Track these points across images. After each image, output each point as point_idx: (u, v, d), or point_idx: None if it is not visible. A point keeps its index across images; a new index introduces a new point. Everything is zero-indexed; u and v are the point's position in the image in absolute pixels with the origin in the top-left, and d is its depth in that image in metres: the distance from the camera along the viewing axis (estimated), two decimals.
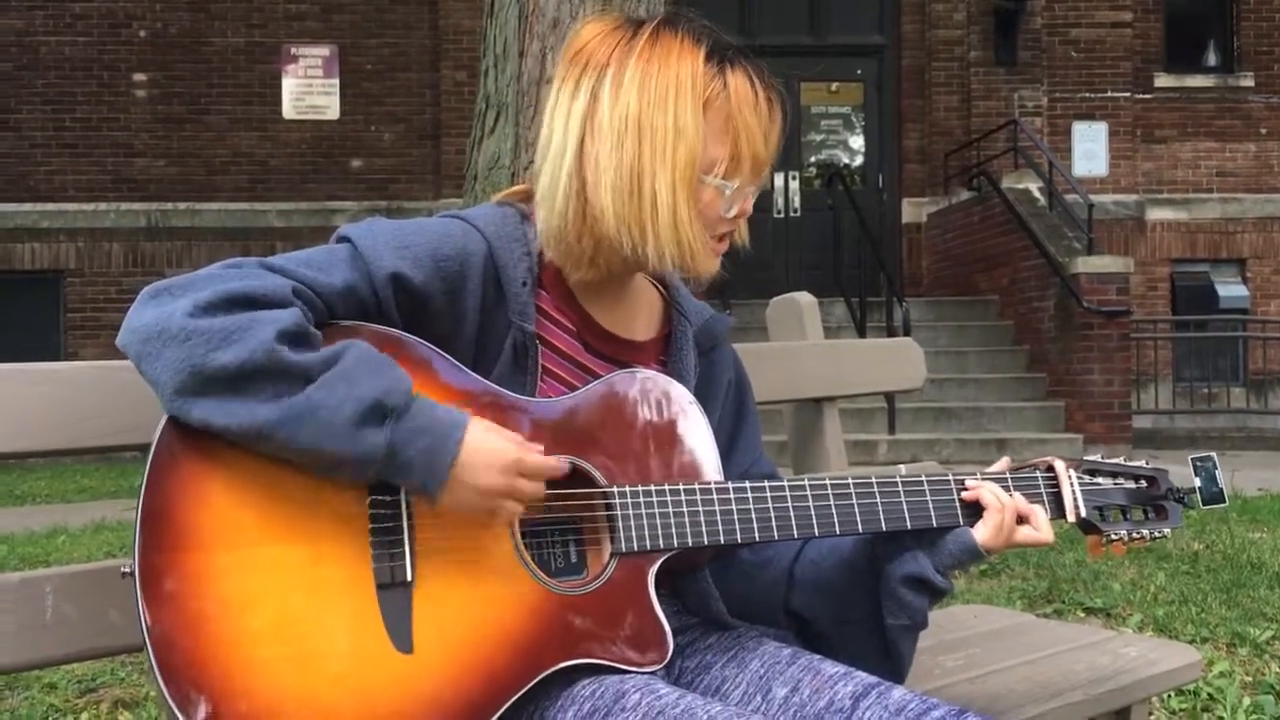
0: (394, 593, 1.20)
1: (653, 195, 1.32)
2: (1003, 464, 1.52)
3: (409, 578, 1.20)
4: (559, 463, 1.28)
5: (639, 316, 1.51)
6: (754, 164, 1.38)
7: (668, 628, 1.32)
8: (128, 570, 1.14)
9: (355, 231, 1.32)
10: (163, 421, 1.18)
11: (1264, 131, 12.61)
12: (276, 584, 1.16)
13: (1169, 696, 2.94)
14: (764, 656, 1.39)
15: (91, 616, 1.37)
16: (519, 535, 1.28)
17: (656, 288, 1.56)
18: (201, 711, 1.09)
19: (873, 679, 1.31)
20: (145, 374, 1.18)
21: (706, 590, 1.47)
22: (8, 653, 1.33)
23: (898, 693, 1.27)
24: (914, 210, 12.47)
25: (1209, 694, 2.97)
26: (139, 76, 11.76)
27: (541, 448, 1.28)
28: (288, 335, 1.17)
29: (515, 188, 1.52)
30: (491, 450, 1.22)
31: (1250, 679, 3.12)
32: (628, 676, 1.26)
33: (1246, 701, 2.94)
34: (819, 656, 1.38)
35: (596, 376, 1.41)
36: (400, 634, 1.18)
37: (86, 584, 1.37)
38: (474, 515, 1.24)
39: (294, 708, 1.12)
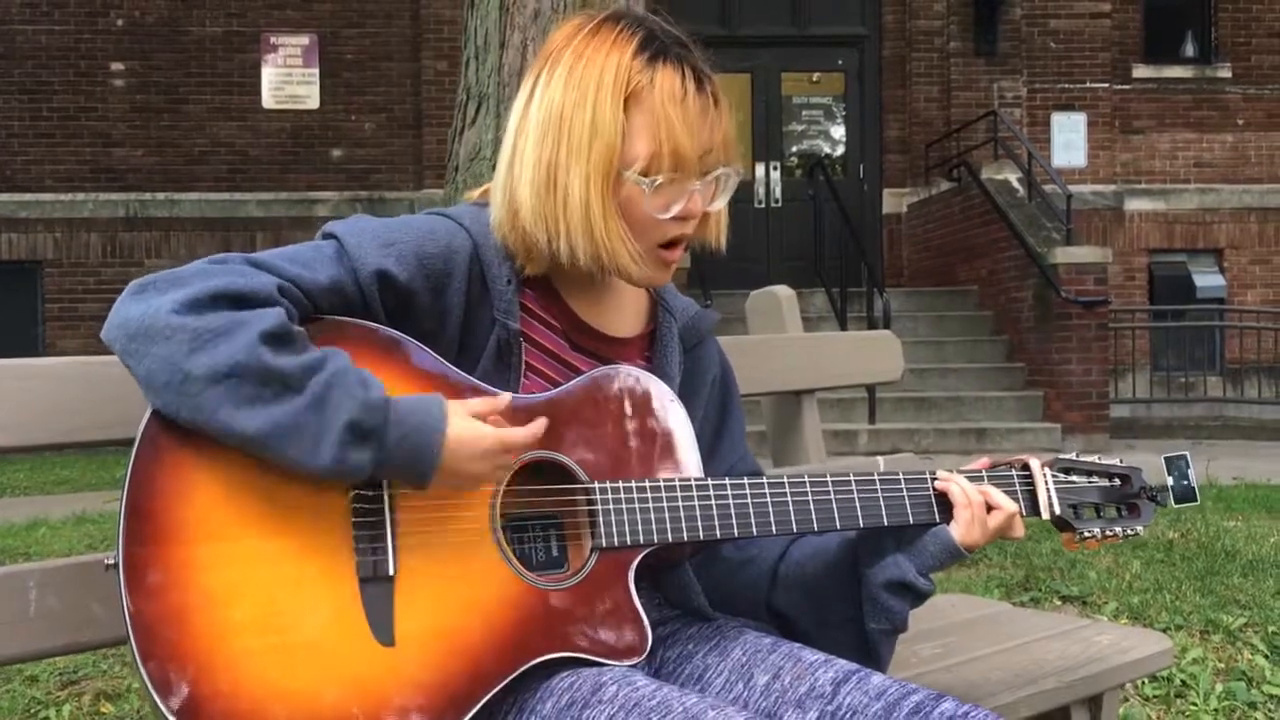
0: (376, 586, 1.21)
1: (565, 191, 1.32)
2: (980, 463, 1.54)
3: (391, 571, 1.21)
4: (538, 427, 1.30)
5: (625, 313, 1.51)
6: (675, 160, 1.33)
7: (647, 622, 1.34)
8: (111, 563, 1.15)
9: (341, 228, 1.33)
10: (147, 414, 1.18)
11: (1241, 122, 12.69)
12: (259, 577, 1.17)
13: (1143, 683, 2.97)
14: (745, 645, 1.40)
15: (75, 609, 1.37)
16: (501, 529, 1.29)
17: None
18: (183, 704, 1.10)
19: (853, 665, 1.33)
20: (131, 370, 1.19)
21: (688, 584, 1.49)
22: None
23: (877, 678, 1.29)
24: (894, 201, 12.51)
25: (1182, 680, 3.01)
26: (117, 65, 11.66)
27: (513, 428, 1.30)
28: (271, 336, 1.18)
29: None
30: (473, 440, 1.23)
31: (1223, 665, 3.16)
32: (605, 669, 1.28)
33: (1219, 688, 2.98)
34: (799, 645, 1.40)
35: (580, 373, 1.41)
36: (382, 627, 1.19)
37: (70, 577, 1.38)
38: (458, 500, 1.27)
39: (276, 700, 1.13)
